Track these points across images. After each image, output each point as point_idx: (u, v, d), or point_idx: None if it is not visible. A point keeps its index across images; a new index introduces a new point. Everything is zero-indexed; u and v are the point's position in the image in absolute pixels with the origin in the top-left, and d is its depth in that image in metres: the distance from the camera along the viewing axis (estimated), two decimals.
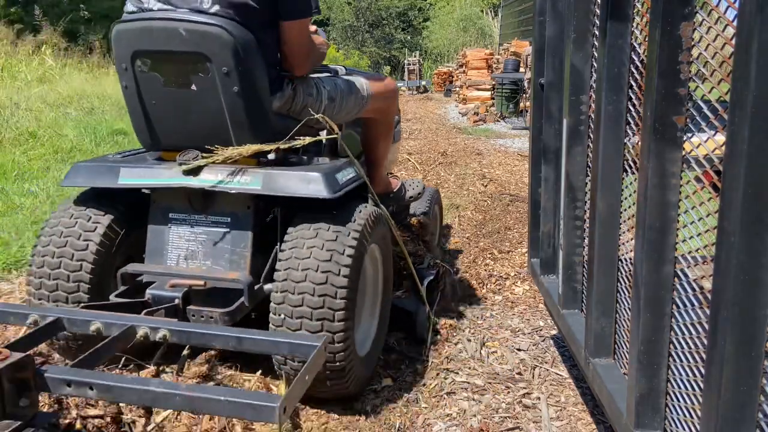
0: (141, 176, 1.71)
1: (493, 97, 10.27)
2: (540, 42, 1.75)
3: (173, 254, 1.72)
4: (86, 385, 1.13)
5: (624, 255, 1.26)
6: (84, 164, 1.80)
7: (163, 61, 1.65)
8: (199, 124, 1.69)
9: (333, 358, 1.53)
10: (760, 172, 0.71)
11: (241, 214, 1.69)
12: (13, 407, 1.07)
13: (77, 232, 1.69)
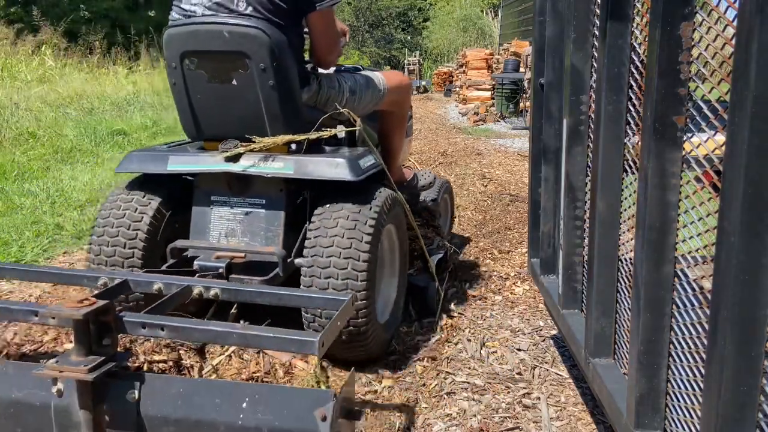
0: (187, 163, 1.93)
1: (493, 97, 10.27)
2: (540, 42, 1.75)
3: (215, 232, 1.94)
4: (158, 326, 1.33)
5: (624, 255, 1.26)
6: (136, 153, 2.03)
7: (208, 60, 1.86)
8: (239, 115, 1.90)
9: (357, 321, 1.73)
10: (760, 172, 0.71)
11: (274, 196, 1.90)
12: (98, 346, 1.30)
13: (131, 212, 1.92)
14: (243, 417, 1.25)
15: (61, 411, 1.27)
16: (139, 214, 1.92)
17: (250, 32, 1.79)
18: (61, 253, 3.00)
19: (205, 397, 1.31)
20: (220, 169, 1.86)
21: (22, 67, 9.18)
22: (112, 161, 5.26)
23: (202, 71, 1.87)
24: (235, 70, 1.83)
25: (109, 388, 1.29)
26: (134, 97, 8.69)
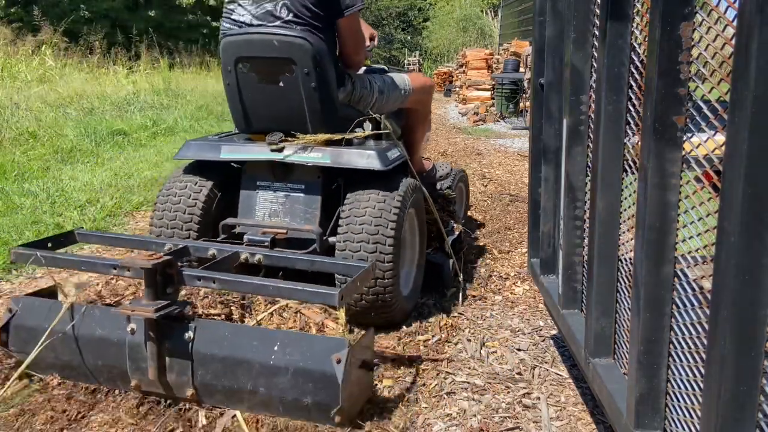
0: (237, 152, 2.21)
1: (493, 97, 10.27)
2: (540, 42, 1.75)
3: (260, 212, 2.22)
4: (210, 279, 1.64)
5: (624, 255, 1.26)
6: (193, 142, 2.31)
7: (259, 65, 2.12)
8: (283, 112, 2.16)
9: (383, 291, 2.00)
10: (760, 172, 0.71)
11: (312, 183, 2.19)
12: (163, 294, 1.62)
13: (188, 193, 2.22)
14: (274, 357, 1.55)
15: (133, 346, 1.63)
16: (194, 195, 2.22)
17: (296, 41, 2.05)
18: None
19: (244, 339, 1.61)
20: (266, 157, 2.14)
21: (22, 67, 9.17)
22: (112, 161, 5.27)
23: (253, 74, 2.14)
24: (282, 74, 2.10)
25: (171, 327, 1.61)
26: (134, 97, 8.69)
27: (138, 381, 1.65)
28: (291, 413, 1.56)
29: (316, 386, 1.52)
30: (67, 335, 1.71)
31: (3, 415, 1.67)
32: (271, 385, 1.55)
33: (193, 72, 13.11)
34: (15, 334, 1.77)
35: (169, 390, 1.64)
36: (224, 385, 1.60)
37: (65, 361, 1.74)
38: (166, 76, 10.83)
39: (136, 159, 5.44)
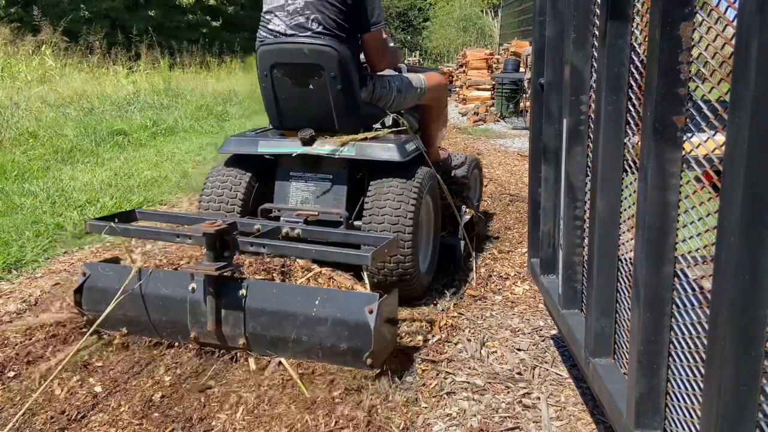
0: (272, 146, 2.50)
1: (493, 97, 10.27)
2: (540, 42, 1.75)
3: (293, 198, 2.51)
4: (261, 245, 1.94)
5: (624, 255, 1.26)
6: (233, 138, 2.60)
7: (292, 70, 2.39)
8: (313, 110, 2.43)
9: (404, 264, 2.27)
10: (760, 172, 0.71)
11: (339, 173, 2.47)
12: (221, 256, 1.91)
13: (230, 182, 2.52)
14: (316, 310, 1.81)
15: (193, 302, 1.90)
16: (236, 184, 2.52)
17: (324, 49, 2.31)
18: (61, 253, 3.00)
19: (289, 296, 1.88)
20: (299, 151, 2.41)
21: (22, 67, 9.17)
22: (112, 161, 5.26)
23: (286, 78, 2.41)
24: (311, 78, 2.36)
25: (227, 286, 1.88)
26: (134, 97, 8.69)
27: (197, 333, 1.92)
28: (329, 358, 1.82)
29: (351, 333, 1.78)
30: (135, 295, 1.97)
31: (3, 415, 1.67)
32: (313, 334, 1.81)
33: (193, 72, 13.11)
34: (87, 295, 2.04)
35: (223, 341, 1.91)
36: (272, 335, 1.86)
37: (132, 318, 1.99)
38: (166, 76, 10.83)
39: (136, 159, 5.44)
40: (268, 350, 1.88)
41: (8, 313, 2.29)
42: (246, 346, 1.89)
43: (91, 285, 2.04)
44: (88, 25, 14.47)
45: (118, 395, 1.76)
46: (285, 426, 1.61)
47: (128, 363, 1.94)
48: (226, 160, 2.63)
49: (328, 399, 1.73)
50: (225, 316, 1.88)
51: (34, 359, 1.96)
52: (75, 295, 2.04)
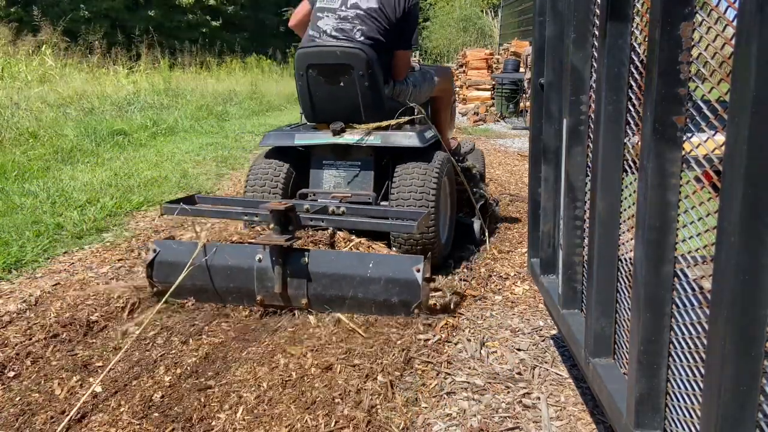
0: (307, 138, 2.82)
1: (493, 97, 10.27)
2: (540, 42, 1.75)
3: (327, 184, 2.84)
4: (320, 219, 2.35)
5: (624, 255, 1.26)
6: (272, 132, 2.97)
7: (325, 69, 2.72)
8: (343, 105, 2.75)
9: (429, 236, 2.59)
10: (760, 172, 0.71)
11: (367, 160, 2.81)
12: (285, 230, 2.24)
13: (272, 170, 2.85)
14: (370, 271, 2.17)
15: (260, 271, 2.22)
16: (276, 175, 2.83)
17: (354, 51, 2.66)
18: (61, 253, 3.00)
19: (346, 260, 2.24)
20: (331, 142, 2.74)
21: (22, 67, 9.17)
22: (112, 161, 5.26)
23: (320, 77, 2.73)
24: (343, 76, 2.69)
25: (291, 254, 2.21)
26: (134, 97, 8.69)
27: (263, 296, 2.25)
28: (381, 311, 2.20)
29: (402, 289, 2.16)
30: (203, 267, 2.25)
31: (3, 415, 1.67)
32: (368, 291, 2.17)
33: (193, 72, 13.11)
34: (158, 269, 2.32)
35: (287, 301, 2.24)
36: (331, 294, 2.20)
37: (200, 287, 2.29)
38: (166, 76, 10.83)
39: (136, 159, 5.44)
40: (327, 307, 2.22)
41: (8, 312, 2.29)
42: (308, 305, 2.22)
43: (161, 259, 2.32)
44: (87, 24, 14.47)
45: (118, 395, 1.76)
46: (285, 426, 1.61)
47: (128, 363, 1.95)
48: (266, 152, 2.98)
49: (328, 399, 1.73)
50: (290, 281, 2.21)
51: (34, 359, 1.96)
52: (147, 269, 2.32)
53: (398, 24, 2.80)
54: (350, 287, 2.18)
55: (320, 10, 2.81)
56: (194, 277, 2.25)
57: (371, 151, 2.78)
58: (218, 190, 4.49)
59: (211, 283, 2.27)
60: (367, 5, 2.77)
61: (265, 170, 2.85)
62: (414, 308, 2.17)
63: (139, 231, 3.41)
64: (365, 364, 1.92)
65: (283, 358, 1.96)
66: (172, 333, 2.15)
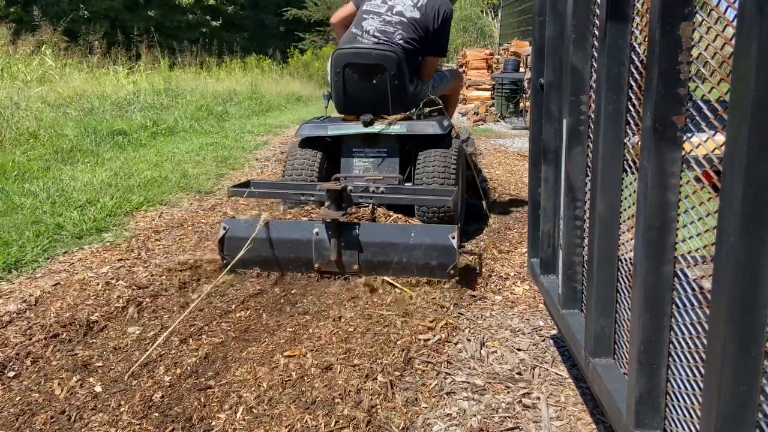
0: (339, 129, 3.19)
1: (493, 97, 10.27)
2: (540, 42, 1.75)
3: (357, 169, 3.23)
4: (369, 197, 2.73)
5: (624, 255, 1.26)
6: (306, 124, 3.31)
7: (360, 68, 3.14)
8: (374, 99, 3.17)
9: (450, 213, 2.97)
10: (760, 172, 0.71)
11: (392, 147, 3.21)
12: (339, 207, 2.58)
13: (307, 159, 3.21)
14: (412, 239, 2.50)
15: (318, 242, 2.57)
16: (312, 161, 3.19)
17: (387, 54, 3.11)
18: (61, 253, 3.00)
19: (391, 231, 2.59)
20: (360, 131, 3.13)
21: (22, 67, 9.17)
22: (112, 161, 5.26)
23: (355, 75, 3.15)
24: (375, 75, 3.12)
25: (345, 227, 2.55)
26: (134, 97, 8.68)
27: (320, 264, 2.58)
28: (422, 273, 2.52)
29: (440, 254, 2.48)
30: (266, 241, 2.60)
31: (3, 414, 1.67)
32: (410, 257, 2.50)
33: (193, 72, 13.11)
34: (227, 244, 2.63)
35: (341, 268, 2.58)
36: (379, 260, 2.53)
37: (264, 258, 2.62)
38: (166, 76, 10.83)
39: (136, 159, 5.44)
40: (376, 272, 2.55)
41: (8, 312, 2.29)
42: (359, 270, 2.56)
43: (230, 236, 2.64)
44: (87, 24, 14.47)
45: (118, 395, 1.76)
46: (285, 426, 1.61)
47: (128, 363, 1.95)
48: (300, 142, 3.32)
49: (328, 399, 1.73)
50: (344, 250, 2.54)
51: (34, 359, 1.96)
52: (219, 244, 2.65)
53: (434, 34, 3.29)
54: (395, 253, 2.51)
55: (366, 12, 3.27)
56: (259, 249, 2.59)
57: (396, 139, 3.18)
58: (218, 190, 4.49)
59: (273, 254, 2.61)
60: (410, 15, 3.25)
61: (302, 158, 3.21)
62: (450, 269, 2.47)
63: (139, 231, 3.41)
64: (365, 364, 1.92)
65: (283, 358, 1.96)
66: (172, 333, 2.15)
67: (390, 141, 3.18)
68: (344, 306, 2.38)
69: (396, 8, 3.25)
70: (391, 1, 3.29)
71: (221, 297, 2.48)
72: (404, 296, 2.43)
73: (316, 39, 23.49)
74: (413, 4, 3.27)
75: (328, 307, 2.37)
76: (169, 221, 3.62)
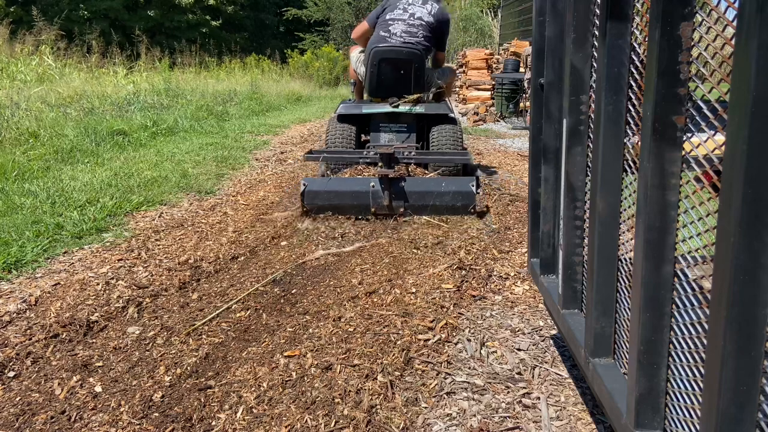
0: (371, 108, 4.19)
1: (493, 97, 10.26)
2: (540, 42, 1.75)
3: (383, 140, 4.21)
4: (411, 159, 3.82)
5: (624, 255, 1.26)
6: (343, 104, 4.33)
7: (393, 62, 4.13)
8: (400, 85, 4.18)
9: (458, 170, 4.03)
10: (760, 172, 0.71)
11: (411, 124, 4.21)
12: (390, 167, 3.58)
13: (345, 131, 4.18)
14: (443, 187, 3.50)
15: (374, 193, 3.50)
16: (349, 133, 4.18)
17: (414, 51, 4.15)
18: (61, 253, 3.00)
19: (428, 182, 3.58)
20: (388, 110, 4.13)
21: (22, 67, 9.17)
22: (112, 161, 5.26)
23: (389, 67, 4.16)
24: (404, 67, 4.15)
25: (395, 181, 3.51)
26: (134, 97, 8.68)
27: (375, 208, 3.52)
28: (450, 212, 3.53)
29: (463, 197, 3.52)
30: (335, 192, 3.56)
31: (3, 414, 1.67)
32: (442, 200, 3.51)
33: (193, 72, 13.11)
34: (307, 196, 3.54)
35: (391, 210, 3.54)
36: (419, 204, 3.53)
37: (334, 205, 3.55)
38: (166, 76, 10.82)
39: (136, 159, 5.43)
40: (416, 212, 3.55)
41: (8, 312, 2.29)
42: (404, 212, 3.55)
43: (309, 190, 3.55)
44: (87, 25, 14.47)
45: (118, 395, 1.76)
46: (285, 426, 1.61)
47: (128, 363, 1.95)
48: (337, 117, 4.25)
49: (328, 399, 1.73)
50: (394, 197, 3.52)
51: (34, 359, 1.96)
52: (301, 197, 3.55)
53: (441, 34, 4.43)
54: (431, 198, 3.52)
55: (392, 20, 4.24)
56: (331, 199, 3.54)
57: (414, 117, 4.21)
58: (218, 190, 4.49)
59: (339, 202, 3.55)
60: (427, 19, 4.26)
61: (341, 131, 4.18)
62: (471, 208, 3.53)
63: (139, 231, 3.41)
64: (365, 364, 1.92)
65: (283, 358, 1.96)
66: (172, 333, 2.15)
67: (409, 119, 4.21)
68: (344, 306, 2.38)
69: (416, 15, 4.27)
70: (411, 10, 4.28)
71: (221, 297, 2.48)
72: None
73: (316, 39, 23.50)
74: (428, 11, 4.30)
75: (328, 307, 2.37)
76: (169, 221, 3.62)
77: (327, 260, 2.95)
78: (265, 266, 2.86)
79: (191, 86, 10.66)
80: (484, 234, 3.41)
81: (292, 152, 6.35)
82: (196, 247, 3.12)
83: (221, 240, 3.25)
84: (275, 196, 4.29)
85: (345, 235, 3.34)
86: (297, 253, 3.04)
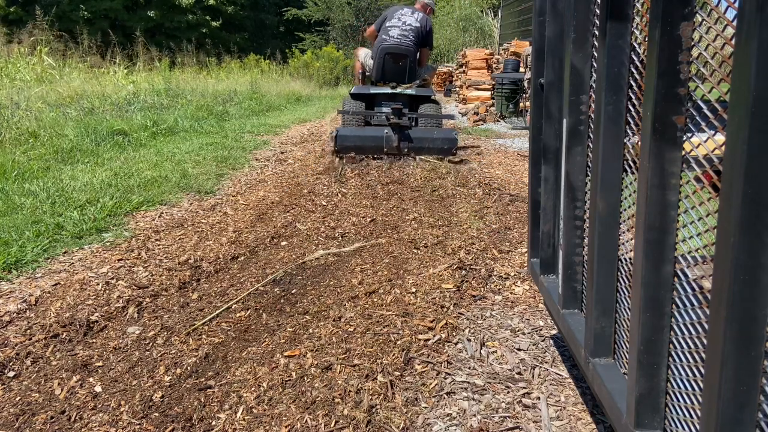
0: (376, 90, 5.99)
1: (493, 97, 10.26)
2: (540, 42, 1.75)
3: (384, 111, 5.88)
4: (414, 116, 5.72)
5: (624, 255, 1.26)
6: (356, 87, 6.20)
7: (394, 56, 6.03)
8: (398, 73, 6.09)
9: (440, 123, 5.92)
10: (760, 172, 0.71)
11: (406, 101, 5.95)
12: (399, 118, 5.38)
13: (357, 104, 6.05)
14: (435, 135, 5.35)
15: (387, 137, 5.27)
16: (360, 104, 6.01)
17: (409, 48, 5.98)
18: (61, 253, 3.00)
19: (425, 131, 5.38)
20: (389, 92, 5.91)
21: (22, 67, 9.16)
22: (112, 161, 5.26)
23: (390, 59, 5.98)
24: (402, 60, 6.00)
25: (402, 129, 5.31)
26: (134, 97, 8.68)
27: (387, 149, 5.21)
28: (439, 153, 5.28)
29: (450, 142, 5.30)
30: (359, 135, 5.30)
31: (3, 414, 1.67)
32: (434, 144, 5.26)
33: (193, 72, 13.10)
34: (339, 138, 5.22)
35: (399, 151, 5.22)
36: (419, 147, 5.24)
37: (358, 146, 5.23)
38: (166, 76, 10.82)
39: (136, 159, 5.44)
40: (417, 154, 5.22)
41: (8, 312, 2.29)
42: (409, 152, 5.21)
43: (339, 134, 5.20)
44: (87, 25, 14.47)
45: (118, 395, 1.76)
46: (285, 426, 1.61)
47: (128, 363, 1.95)
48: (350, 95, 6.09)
49: (328, 399, 1.73)
50: (401, 141, 5.14)
51: (34, 359, 1.96)
52: (333, 140, 5.20)
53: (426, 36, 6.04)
54: (428, 143, 5.20)
55: (390, 26, 5.97)
56: (355, 142, 5.20)
57: (407, 97, 5.90)
58: (218, 190, 4.49)
59: (362, 144, 5.21)
60: (415, 25, 5.97)
61: (355, 104, 5.94)
62: (453, 149, 5.25)
63: (139, 231, 3.41)
64: (365, 364, 1.92)
65: (283, 358, 1.96)
66: (172, 333, 2.15)
67: (404, 98, 5.89)
68: (344, 306, 2.38)
69: (407, 23, 5.99)
70: (404, 18, 6.02)
71: (221, 297, 2.48)
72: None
73: (316, 39, 23.50)
74: (416, 19, 6.01)
75: (328, 307, 2.37)
76: (169, 221, 3.63)
77: (327, 260, 2.96)
78: (265, 266, 2.86)
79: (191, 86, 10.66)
80: (484, 234, 3.41)
81: (292, 152, 6.35)
82: (196, 247, 3.12)
83: (221, 240, 3.25)
84: (275, 196, 4.29)
85: (345, 235, 3.34)
86: (297, 253, 3.05)
